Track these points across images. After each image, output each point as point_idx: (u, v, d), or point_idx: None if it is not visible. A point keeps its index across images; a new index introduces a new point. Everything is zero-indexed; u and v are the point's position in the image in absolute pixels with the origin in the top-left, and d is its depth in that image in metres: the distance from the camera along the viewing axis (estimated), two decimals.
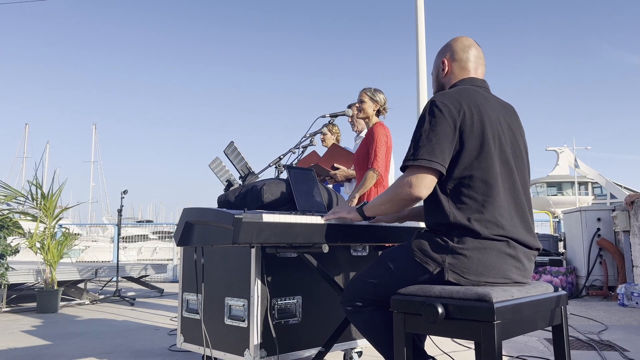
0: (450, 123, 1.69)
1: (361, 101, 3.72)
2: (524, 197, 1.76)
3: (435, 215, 1.74)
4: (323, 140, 4.88)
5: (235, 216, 1.76)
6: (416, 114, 8.92)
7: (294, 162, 3.86)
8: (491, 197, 1.67)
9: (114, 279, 7.59)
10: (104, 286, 7.91)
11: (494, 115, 1.76)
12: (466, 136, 1.69)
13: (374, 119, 3.72)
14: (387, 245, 2.65)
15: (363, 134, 4.38)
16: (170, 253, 11.72)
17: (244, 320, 2.27)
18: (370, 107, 3.70)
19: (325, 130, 4.80)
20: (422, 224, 2.49)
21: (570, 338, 3.52)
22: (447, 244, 1.66)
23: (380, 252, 2.85)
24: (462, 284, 1.64)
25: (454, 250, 1.65)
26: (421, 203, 1.86)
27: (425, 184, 1.68)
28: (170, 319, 4.73)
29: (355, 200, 3.55)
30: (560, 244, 7.55)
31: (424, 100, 8.80)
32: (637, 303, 5.26)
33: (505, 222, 1.67)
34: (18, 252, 5.12)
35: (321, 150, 4.45)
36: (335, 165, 4.11)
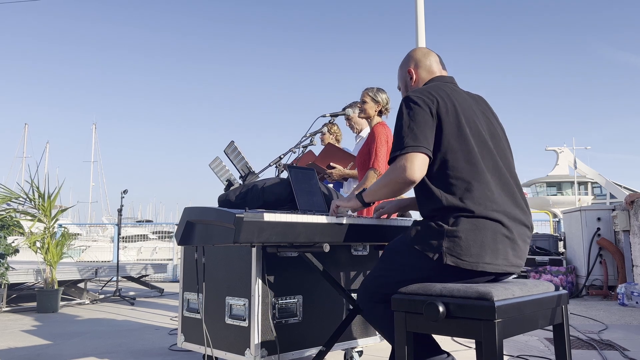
0: (427, 111, 1.78)
1: (363, 102, 3.72)
2: (509, 175, 1.81)
3: (429, 202, 1.78)
4: (322, 140, 4.88)
5: (237, 215, 1.77)
6: None
7: (294, 163, 3.86)
8: (476, 176, 1.73)
9: (114, 278, 7.60)
10: (104, 286, 7.91)
11: (466, 103, 1.85)
12: (444, 120, 1.77)
13: (376, 119, 3.72)
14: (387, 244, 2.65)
15: (363, 134, 4.38)
16: (170, 253, 11.72)
17: (244, 320, 2.27)
18: (371, 108, 3.70)
19: (324, 129, 4.80)
20: None
21: (570, 337, 3.53)
22: (442, 228, 1.70)
23: (380, 252, 2.86)
24: (461, 267, 1.66)
25: (449, 233, 1.68)
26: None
27: (418, 167, 1.73)
28: (171, 319, 4.74)
29: None
30: (560, 244, 7.56)
31: None
32: (637, 302, 5.26)
33: (494, 198, 1.72)
34: (18, 252, 5.11)
35: (320, 151, 4.44)
36: (331, 164, 4.10)
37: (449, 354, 1.81)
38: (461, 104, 1.83)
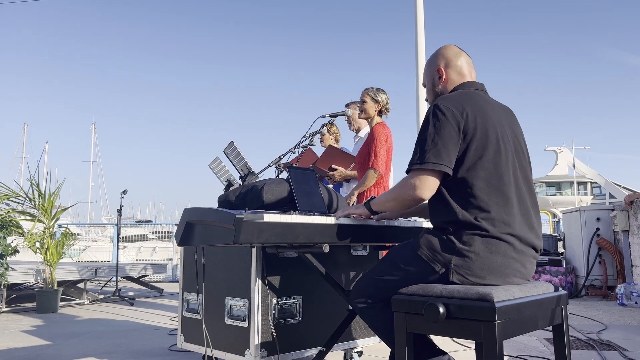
0: (454, 126, 1.72)
1: (363, 101, 3.72)
2: (527, 196, 1.79)
3: (443, 214, 1.76)
4: (322, 141, 4.89)
5: (237, 216, 1.77)
6: (415, 112, 8.93)
7: (293, 162, 3.85)
8: (495, 197, 1.70)
9: (114, 278, 7.59)
10: (103, 286, 7.91)
11: (496, 117, 1.80)
12: (470, 138, 1.72)
13: (376, 119, 3.73)
14: (387, 245, 2.65)
15: (361, 134, 4.39)
16: (170, 253, 11.71)
17: (244, 320, 2.27)
18: (371, 108, 3.71)
19: (323, 130, 4.80)
20: (425, 222, 2.49)
21: (569, 338, 3.53)
22: (454, 245, 1.68)
23: (380, 252, 2.86)
24: (466, 284, 1.66)
25: (460, 251, 1.67)
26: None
27: (428, 186, 1.72)
28: (170, 319, 4.73)
29: (354, 197, 3.59)
30: (560, 244, 7.56)
31: (422, 99, 8.81)
32: (636, 303, 5.27)
33: (511, 220, 1.70)
34: (18, 252, 5.11)
35: (320, 151, 4.45)
36: (332, 166, 4.11)
37: (445, 353, 1.81)
38: (491, 118, 1.77)
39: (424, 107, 8.67)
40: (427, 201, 1.84)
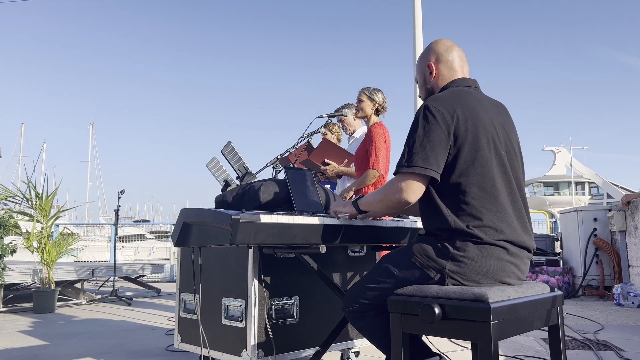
0: (444, 129, 1.69)
1: (359, 101, 3.73)
2: (520, 197, 1.78)
3: (435, 220, 1.75)
4: None
5: (233, 217, 1.77)
6: (414, 111, 8.93)
7: (290, 161, 3.85)
8: (488, 203, 1.68)
9: (111, 278, 7.59)
10: (101, 286, 7.90)
11: (487, 117, 1.77)
12: (460, 142, 1.69)
13: (374, 119, 3.74)
14: (384, 245, 2.65)
15: (356, 134, 4.39)
16: (168, 253, 11.70)
17: (241, 321, 2.27)
18: (368, 107, 3.71)
19: (324, 130, 4.81)
20: (419, 222, 2.50)
21: (566, 338, 3.54)
22: (448, 251, 1.67)
23: (377, 253, 2.86)
24: None
25: (454, 257, 1.66)
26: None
27: (413, 190, 1.70)
28: (168, 319, 4.73)
29: (351, 193, 3.60)
30: (557, 244, 7.58)
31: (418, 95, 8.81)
32: (633, 303, 5.28)
33: (504, 226, 1.68)
34: (15, 252, 5.10)
35: None
36: (325, 160, 4.11)
37: (441, 356, 1.81)
38: (483, 120, 1.74)
39: (420, 103, 8.67)
40: (415, 203, 1.83)
